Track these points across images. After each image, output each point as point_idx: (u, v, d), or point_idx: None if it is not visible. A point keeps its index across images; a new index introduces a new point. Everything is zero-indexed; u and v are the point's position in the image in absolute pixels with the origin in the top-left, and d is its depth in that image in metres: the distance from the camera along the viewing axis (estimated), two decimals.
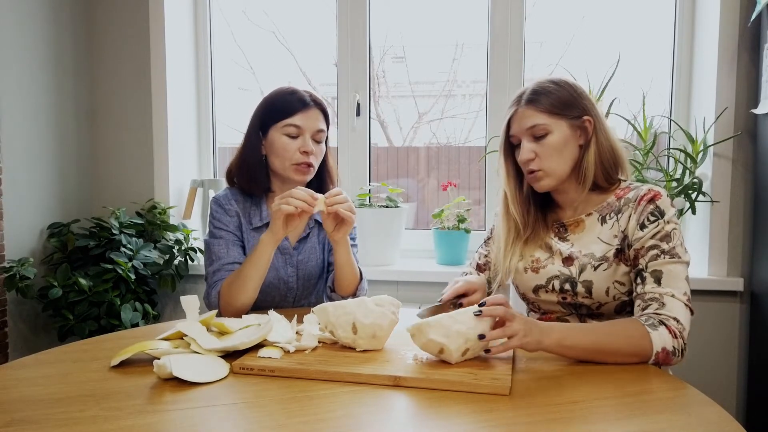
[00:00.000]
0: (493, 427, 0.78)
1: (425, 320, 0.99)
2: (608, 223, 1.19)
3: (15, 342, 2.02)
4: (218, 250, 1.42)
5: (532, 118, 1.18)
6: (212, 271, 1.40)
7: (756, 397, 1.88)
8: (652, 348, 1.02)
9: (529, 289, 1.27)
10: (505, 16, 2.19)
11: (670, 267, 1.10)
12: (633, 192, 1.18)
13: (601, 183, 1.22)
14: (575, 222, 1.24)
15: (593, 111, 1.20)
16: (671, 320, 1.05)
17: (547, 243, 1.26)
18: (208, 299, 1.39)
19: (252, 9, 2.47)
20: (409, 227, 2.37)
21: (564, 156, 1.19)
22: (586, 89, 1.92)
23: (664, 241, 1.11)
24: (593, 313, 1.21)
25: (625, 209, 1.17)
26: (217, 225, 1.44)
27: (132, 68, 2.29)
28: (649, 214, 1.13)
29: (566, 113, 1.18)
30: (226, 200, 1.46)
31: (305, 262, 1.48)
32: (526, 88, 1.22)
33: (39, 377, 0.97)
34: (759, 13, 1.79)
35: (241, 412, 0.83)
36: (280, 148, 1.40)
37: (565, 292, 1.21)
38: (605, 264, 1.16)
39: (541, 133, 1.18)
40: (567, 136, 1.18)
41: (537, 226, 1.28)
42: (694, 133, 2.00)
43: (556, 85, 1.20)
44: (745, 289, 1.95)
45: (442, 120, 2.50)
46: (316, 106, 1.43)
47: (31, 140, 2.05)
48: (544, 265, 1.24)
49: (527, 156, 1.19)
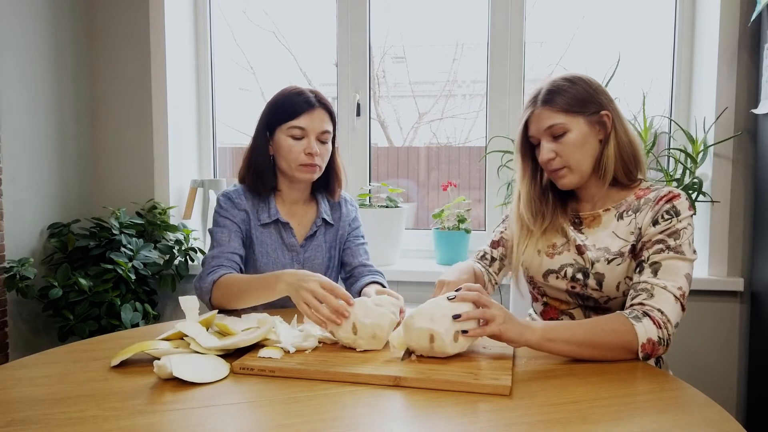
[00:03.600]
0: (493, 427, 0.78)
1: (409, 314, 1.02)
2: (625, 220, 1.19)
3: (15, 342, 2.02)
4: (220, 237, 1.43)
5: (549, 119, 1.18)
6: (211, 256, 1.41)
7: (756, 397, 1.88)
8: (638, 340, 1.02)
9: (540, 273, 1.27)
10: (505, 16, 2.19)
11: (671, 262, 1.10)
12: (654, 193, 1.18)
13: (620, 178, 1.21)
14: (591, 216, 1.24)
15: (611, 105, 1.20)
16: (655, 311, 1.05)
17: (564, 229, 1.26)
18: (201, 283, 1.36)
19: (252, 9, 2.47)
20: (409, 227, 2.37)
21: (585, 152, 1.19)
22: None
23: (672, 237, 1.11)
24: (600, 307, 1.21)
25: (644, 208, 1.17)
26: (223, 214, 1.45)
27: (132, 68, 2.29)
28: (665, 212, 1.13)
29: (583, 110, 1.18)
30: (236, 195, 1.47)
31: (311, 260, 1.49)
32: (540, 88, 1.22)
33: (39, 377, 0.97)
34: (759, 13, 1.79)
35: (241, 412, 0.83)
36: (286, 150, 1.42)
37: (576, 281, 1.20)
38: (619, 259, 1.16)
39: (560, 132, 1.18)
40: (586, 132, 1.18)
41: (555, 214, 1.28)
42: (694, 133, 2.00)
43: (571, 83, 1.19)
44: (745, 289, 1.95)
45: (442, 120, 2.50)
46: (321, 107, 1.43)
47: (31, 140, 2.06)
48: (560, 252, 1.24)
49: (548, 156, 1.19)
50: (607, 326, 1.04)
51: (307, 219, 1.52)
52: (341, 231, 1.55)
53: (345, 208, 1.57)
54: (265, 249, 1.46)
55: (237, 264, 1.41)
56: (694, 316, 1.99)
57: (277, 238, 1.47)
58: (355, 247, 1.55)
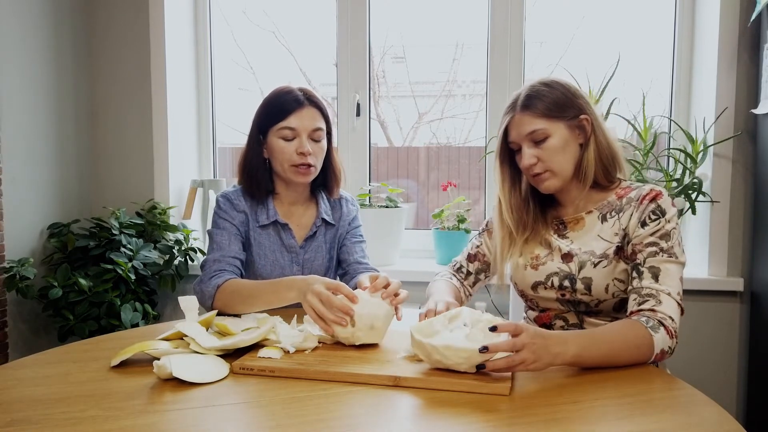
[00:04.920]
0: (493, 427, 0.78)
1: (429, 342, 0.94)
2: (609, 222, 1.20)
3: (15, 342, 2.02)
4: (220, 240, 1.41)
5: (529, 124, 1.18)
6: (212, 259, 1.38)
7: (756, 397, 1.88)
8: (653, 352, 1.03)
9: (528, 286, 1.27)
10: (505, 16, 2.19)
11: (667, 266, 1.11)
12: (635, 192, 1.19)
13: (600, 180, 1.22)
14: (575, 219, 1.25)
15: (588, 109, 1.21)
16: (668, 319, 1.06)
17: (547, 240, 1.26)
18: (203, 286, 1.33)
19: (252, 9, 2.47)
20: (409, 227, 2.37)
21: (566, 157, 1.19)
22: (586, 89, 1.94)
23: (663, 239, 1.12)
24: (591, 311, 1.22)
25: (627, 208, 1.18)
26: (223, 216, 1.43)
27: (132, 68, 2.29)
28: (651, 213, 1.14)
29: (563, 115, 1.18)
30: (236, 196, 1.45)
31: (311, 261, 1.48)
32: (519, 93, 1.22)
33: (39, 377, 0.97)
34: (759, 13, 1.79)
35: (241, 412, 0.83)
36: (278, 152, 1.40)
37: (564, 288, 1.21)
38: (605, 261, 1.17)
39: (541, 138, 1.18)
40: (566, 137, 1.19)
41: (537, 224, 1.28)
42: (694, 133, 2.00)
43: (549, 87, 1.19)
44: (745, 289, 1.95)
45: (442, 120, 2.50)
46: (311, 104, 1.41)
47: (31, 140, 2.06)
48: (544, 262, 1.25)
49: (529, 161, 1.19)
50: (631, 341, 1.02)
51: (306, 219, 1.50)
52: (340, 230, 1.54)
53: (346, 207, 1.56)
54: (264, 251, 1.45)
55: (238, 269, 1.40)
56: (694, 316, 1.99)
57: (276, 239, 1.46)
58: (351, 245, 1.53)
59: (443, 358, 0.93)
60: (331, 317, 1.08)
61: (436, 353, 0.93)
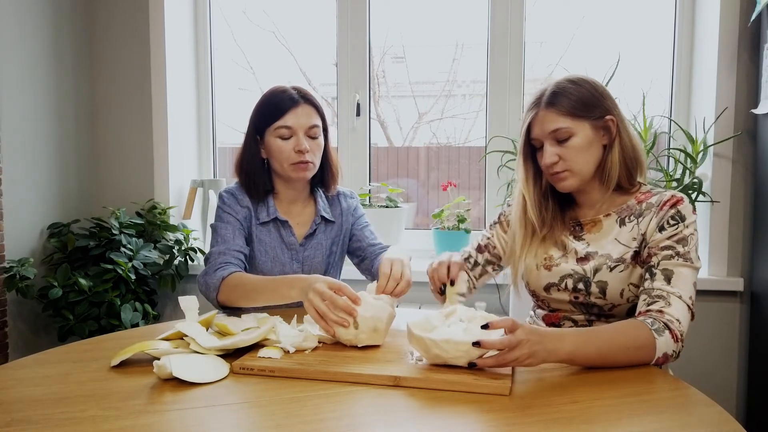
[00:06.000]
0: (493, 427, 0.78)
1: (428, 336, 0.95)
2: (627, 226, 1.17)
3: (15, 342, 2.02)
4: (225, 233, 1.41)
5: (554, 122, 1.15)
6: (217, 251, 1.39)
7: (756, 397, 1.88)
8: (655, 354, 1.02)
9: (541, 287, 1.25)
10: (505, 16, 2.19)
11: (682, 269, 1.09)
12: (656, 197, 1.16)
13: (623, 183, 1.20)
14: (592, 222, 1.23)
15: (615, 110, 1.18)
16: (675, 322, 1.04)
17: (562, 241, 1.24)
18: (208, 278, 1.34)
19: (252, 9, 2.47)
20: (409, 227, 2.37)
21: (588, 157, 1.17)
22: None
23: (680, 243, 1.10)
24: (604, 314, 1.20)
25: (647, 213, 1.15)
26: (227, 210, 1.44)
27: (132, 68, 2.29)
28: (670, 218, 1.12)
29: (588, 114, 1.15)
30: (239, 192, 1.47)
31: (311, 258, 1.49)
32: (544, 89, 1.19)
33: (39, 377, 0.97)
34: (759, 13, 1.79)
35: (241, 412, 0.83)
36: (276, 151, 1.41)
37: (578, 291, 1.19)
38: (622, 266, 1.15)
39: (565, 137, 1.15)
40: (590, 137, 1.16)
41: (554, 224, 1.25)
42: (694, 133, 2.00)
43: (576, 85, 1.16)
44: (745, 289, 1.95)
45: (442, 120, 2.50)
46: (306, 102, 1.42)
47: (31, 140, 2.05)
48: (558, 263, 1.22)
49: (551, 160, 1.17)
50: (631, 342, 1.01)
51: (306, 217, 1.51)
52: (345, 225, 1.55)
53: (345, 202, 1.57)
54: (265, 247, 1.46)
55: (243, 262, 1.40)
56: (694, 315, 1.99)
57: (277, 236, 1.47)
58: (360, 232, 1.55)
59: (442, 352, 0.94)
60: (333, 317, 1.08)
61: (436, 347, 0.94)
